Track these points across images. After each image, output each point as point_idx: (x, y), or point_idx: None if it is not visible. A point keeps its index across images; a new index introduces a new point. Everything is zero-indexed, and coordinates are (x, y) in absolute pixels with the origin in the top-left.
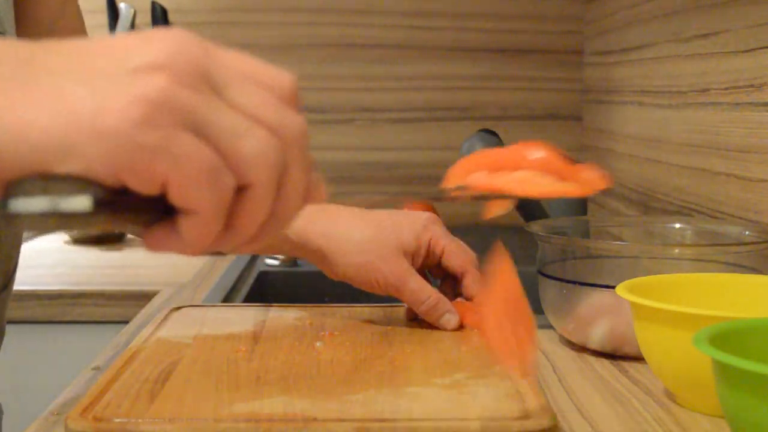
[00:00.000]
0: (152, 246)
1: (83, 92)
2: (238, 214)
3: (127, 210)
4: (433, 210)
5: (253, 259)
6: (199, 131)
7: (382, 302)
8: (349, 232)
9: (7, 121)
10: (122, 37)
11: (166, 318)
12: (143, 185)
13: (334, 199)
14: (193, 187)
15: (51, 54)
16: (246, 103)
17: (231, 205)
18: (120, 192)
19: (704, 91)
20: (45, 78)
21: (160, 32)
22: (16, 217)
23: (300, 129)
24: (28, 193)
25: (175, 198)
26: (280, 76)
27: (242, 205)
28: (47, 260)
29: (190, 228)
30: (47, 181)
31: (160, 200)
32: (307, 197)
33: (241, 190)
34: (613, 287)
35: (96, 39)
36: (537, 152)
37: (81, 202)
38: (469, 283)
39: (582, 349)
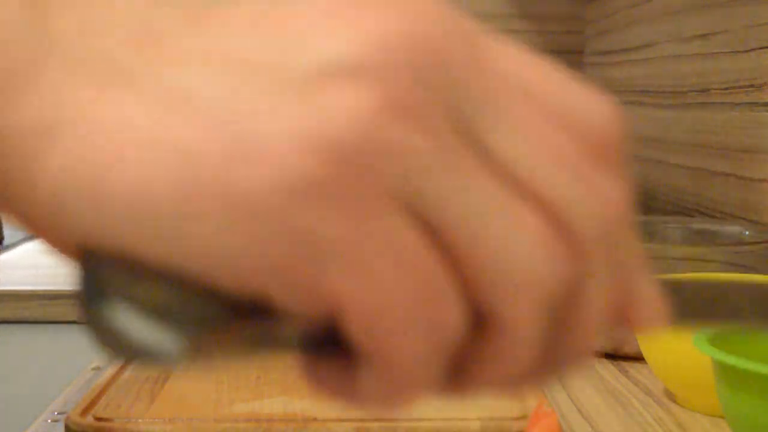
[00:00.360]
0: (314, 386)
1: (216, 113)
2: (471, 362)
3: (260, 338)
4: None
5: None
6: (420, 210)
7: None
8: None
9: (112, 171)
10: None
11: None
12: (298, 302)
13: None
14: (389, 319)
15: (176, 41)
16: (524, 159)
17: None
18: (250, 307)
19: (704, 91)
20: (169, 85)
21: None
22: (98, 325)
23: (618, 212)
24: (93, 285)
25: (355, 332)
26: (596, 109)
27: (483, 351)
28: (47, 260)
29: (375, 380)
30: (127, 272)
31: (325, 324)
32: (621, 323)
33: (482, 323)
34: None
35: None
36: None
37: (173, 336)
38: None
39: None
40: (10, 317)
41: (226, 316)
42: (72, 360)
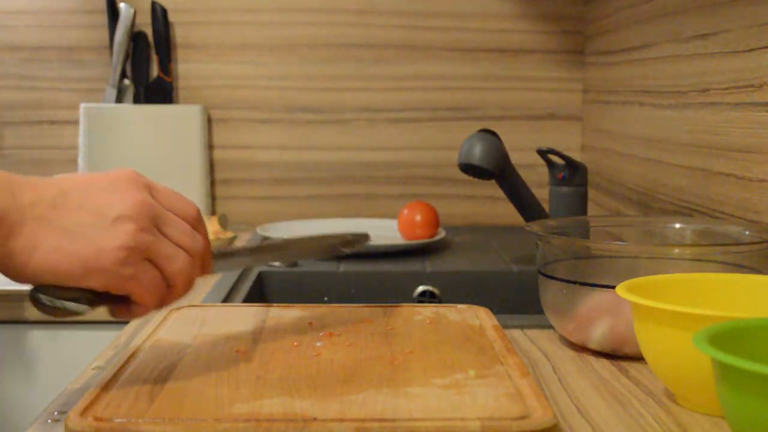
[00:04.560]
0: (115, 315)
1: (88, 240)
2: (167, 298)
3: (103, 303)
4: (433, 210)
5: None
6: (152, 259)
7: (382, 302)
8: None
9: (50, 258)
10: (100, 190)
11: (166, 318)
12: (119, 292)
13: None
14: (146, 294)
15: (65, 206)
16: (174, 234)
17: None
18: (103, 294)
19: (704, 91)
20: (65, 225)
21: (120, 180)
22: (42, 306)
23: (203, 247)
24: (52, 295)
25: (134, 298)
26: (190, 207)
27: (170, 294)
28: None
29: (138, 310)
30: (63, 290)
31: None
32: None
33: (170, 285)
34: (613, 287)
35: (85, 186)
36: None
37: (80, 307)
38: None
39: (582, 349)
40: (10, 317)
41: (93, 297)
42: (72, 360)
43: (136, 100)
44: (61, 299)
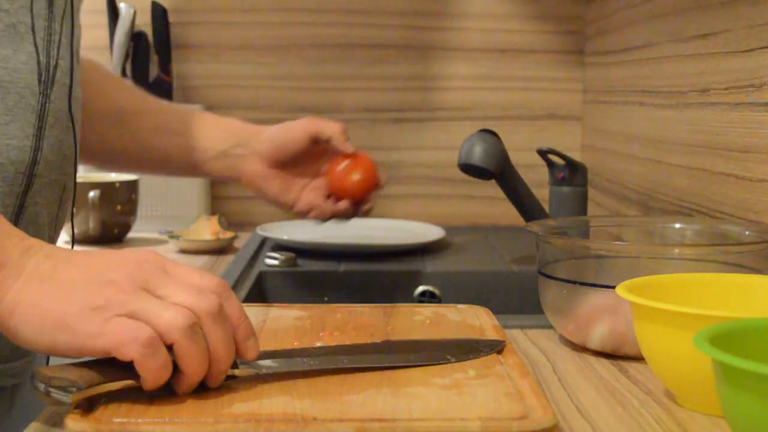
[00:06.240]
0: (146, 388)
1: (68, 299)
2: (179, 364)
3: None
4: (373, 165)
5: (253, 259)
6: (133, 315)
7: (382, 302)
8: None
9: (28, 312)
10: (107, 256)
11: None
12: (93, 354)
13: None
14: (124, 348)
15: (66, 266)
16: (169, 295)
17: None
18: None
19: (704, 91)
20: (56, 284)
21: (135, 252)
22: (39, 394)
23: (213, 304)
24: (45, 382)
25: (116, 354)
26: (207, 281)
27: (177, 357)
28: None
29: (146, 375)
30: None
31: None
32: (239, 349)
33: (171, 347)
34: (613, 287)
35: (97, 254)
36: None
37: (63, 396)
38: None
39: (582, 349)
40: None
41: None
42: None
43: None
44: (51, 387)
